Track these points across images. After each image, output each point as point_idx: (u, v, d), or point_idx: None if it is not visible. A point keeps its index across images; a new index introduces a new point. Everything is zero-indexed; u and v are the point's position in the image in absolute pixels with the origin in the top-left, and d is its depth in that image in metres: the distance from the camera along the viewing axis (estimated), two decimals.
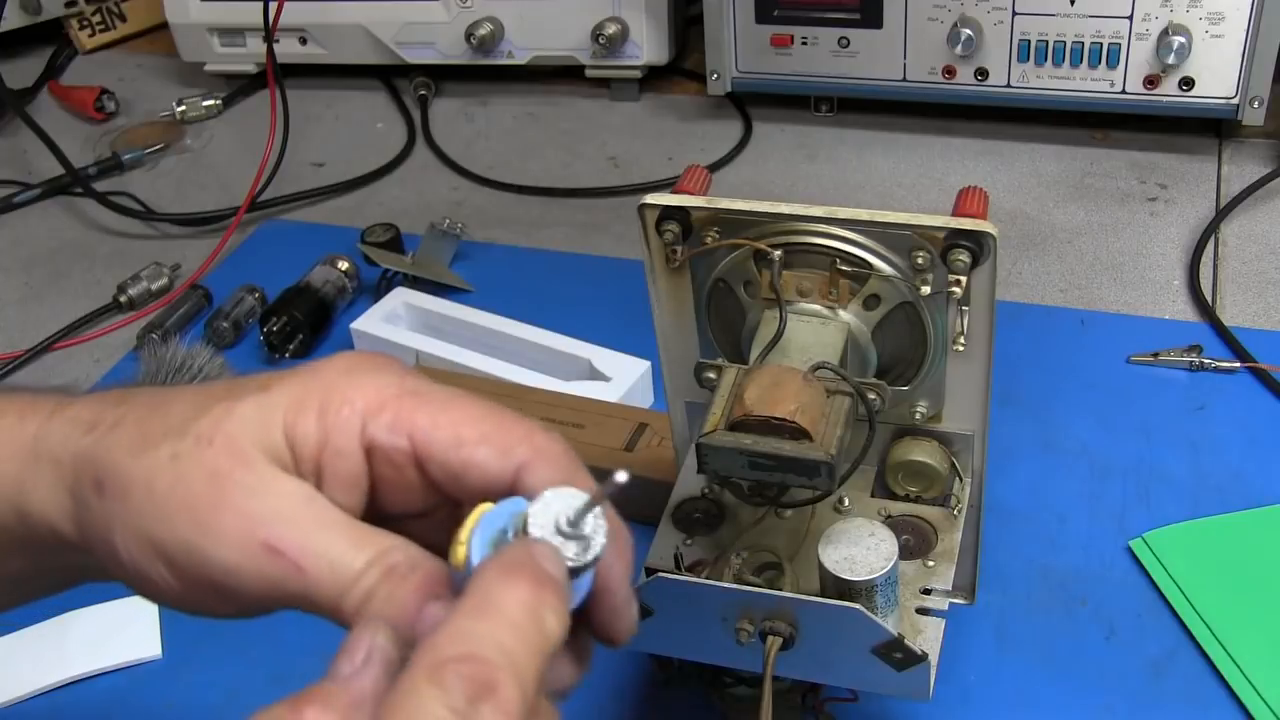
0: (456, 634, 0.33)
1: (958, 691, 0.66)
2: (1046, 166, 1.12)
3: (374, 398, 0.39)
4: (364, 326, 0.94)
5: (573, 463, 0.40)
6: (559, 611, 0.35)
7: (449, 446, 0.39)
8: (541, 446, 0.40)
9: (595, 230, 1.10)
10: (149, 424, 0.39)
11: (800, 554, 0.61)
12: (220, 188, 1.21)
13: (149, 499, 0.38)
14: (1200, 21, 1.02)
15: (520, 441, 0.39)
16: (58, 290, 1.08)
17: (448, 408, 0.40)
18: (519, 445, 0.39)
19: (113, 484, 0.39)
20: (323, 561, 0.37)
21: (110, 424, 0.40)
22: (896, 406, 0.61)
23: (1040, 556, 0.74)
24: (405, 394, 0.40)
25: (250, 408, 0.39)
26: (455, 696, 0.31)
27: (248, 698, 0.69)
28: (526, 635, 0.33)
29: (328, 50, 1.32)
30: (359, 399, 0.39)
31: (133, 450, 0.39)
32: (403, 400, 0.40)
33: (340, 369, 0.40)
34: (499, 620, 0.33)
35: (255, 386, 0.40)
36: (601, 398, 0.84)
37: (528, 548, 0.36)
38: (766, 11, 1.13)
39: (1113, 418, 0.83)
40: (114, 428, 0.40)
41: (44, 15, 1.44)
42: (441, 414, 0.39)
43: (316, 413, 0.39)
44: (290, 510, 0.38)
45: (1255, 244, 1.00)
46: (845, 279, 0.58)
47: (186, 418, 0.39)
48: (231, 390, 0.40)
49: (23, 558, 0.43)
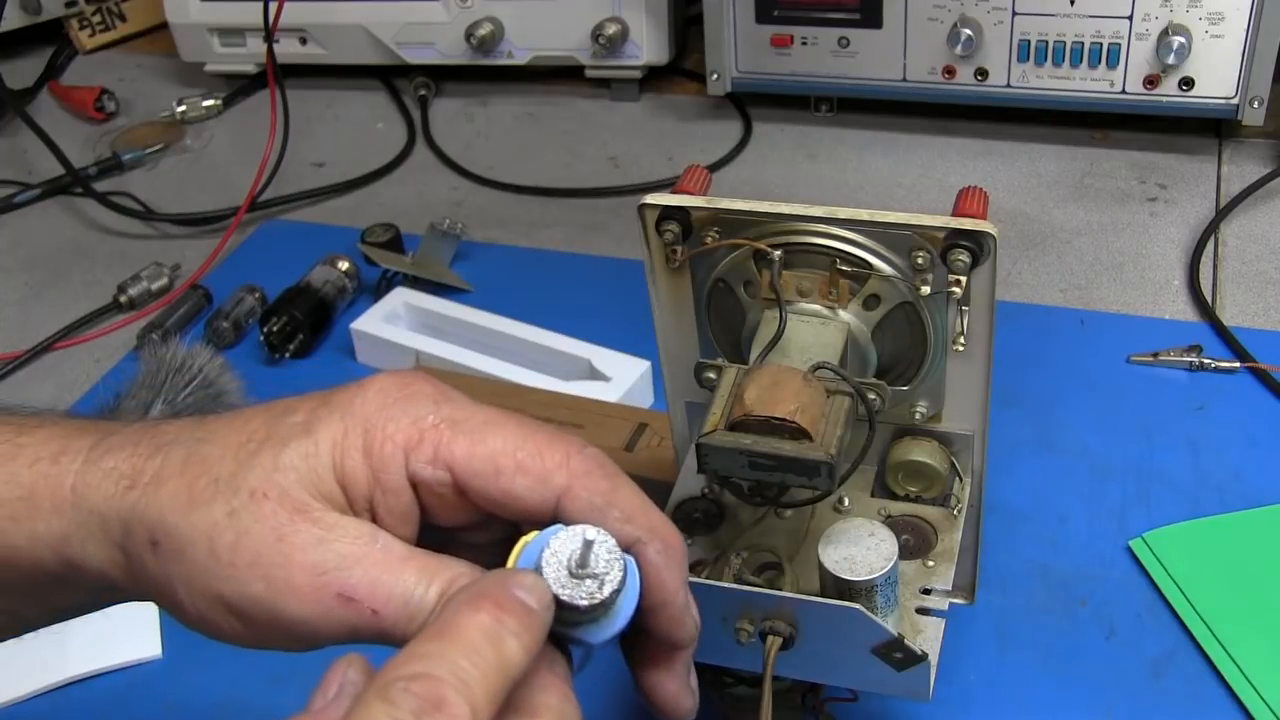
0: (412, 655, 0.34)
1: (958, 691, 0.66)
2: (1046, 166, 1.12)
3: (412, 431, 0.39)
4: (364, 326, 0.94)
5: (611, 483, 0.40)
6: (521, 637, 0.35)
7: (488, 477, 0.39)
8: (579, 470, 0.40)
9: (595, 230, 1.10)
10: (194, 478, 0.39)
11: (800, 554, 0.61)
12: (220, 188, 1.21)
13: (212, 558, 0.38)
14: (1200, 21, 1.02)
15: (558, 468, 0.39)
16: (58, 290, 1.08)
17: (485, 436, 0.39)
18: (557, 472, 0.39)
19: (169, 543, 0.38)
20: (395, 601, 0.37)
21: (151, 478, 0.39)
22: (896, 406, 0.61)
23: (1040, 556, 0.74)
24: (443, 423, 0.39)
25: (296, 456, 0.39)
26: (402, 711, 0.32)
27: (247, 698, 0.69)
28: (482, 657, 0.34)
29: (328, 50, 1.32)
30: (399, 433, 0.39)
31: (184, 508, 0.38)
32: (440, 431, 0.39)
33: (376, 402, 0.40)
34: (455, 642, 0.34)
35: (296, 429, 0.39)
36: (601, 398, 0.84)
37: (504, 577, 0.36)
38: (766, 11, 1.13)
39: (1113, 418, 0.83)
40: (158, 484, 0.39)
41: (44, 15, 1.44)
42: (479, 444, 0.39)
43: (362, 452, 0.39)
44: (357, 553, 0.38)
45: (1255, 244, 1.00)
46: (845, 279, 0.58)
47: (233, 471, 0.38)
48: (271, 432, 0.39)
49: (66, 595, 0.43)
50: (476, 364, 0.89)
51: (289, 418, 0.40)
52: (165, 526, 0.38)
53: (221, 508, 0.38)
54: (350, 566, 0.38)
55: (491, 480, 0.39)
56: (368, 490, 0.39)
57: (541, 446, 0.40)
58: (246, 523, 0.38)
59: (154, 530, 0.39)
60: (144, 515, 0.39)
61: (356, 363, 0.95)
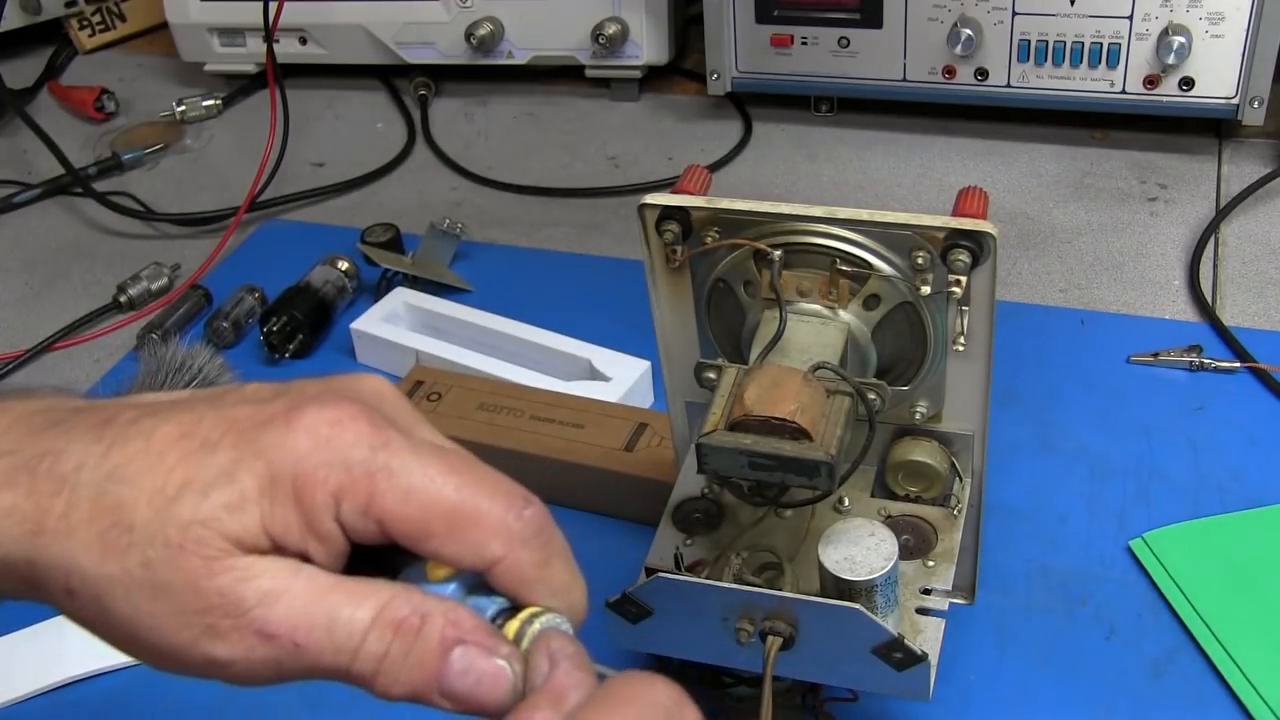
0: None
1: (958, 691, 0.66)
2: (1046, 166, 1.12)
3: (345, 478, 0.37)
4: (364, 326, 0.94)
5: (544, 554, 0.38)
6: None
7: (418, 539, 0.37)
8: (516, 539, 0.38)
9: (595, 230, 1.10)
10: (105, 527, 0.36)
11: (800, 554, 0.61)
12: (220, 188, 1.21)
13: (130, 607, 0.36)
14: (1200, 21, 1.02)
15: (493, 537, 0.37)
16: (58, 290, 1.08)
17: (415, 493, 0.37)
18: (491, 542, 0.37)
19: (85, 591, 0.37)
20: (318, 630, 0.36)
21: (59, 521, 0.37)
22: (896, 406, 0.61)
23: (1040, 556, 0.74)
24: (378, 472, 0.37)
25: (218, 506, 0.36)
26: None
27: (247, 698, 0.69)
28: None
29: (328, 50, 1.32)
30: (330, 479, 0.37)
31: (97, 560, 0.36)
32: (374, 481, 0.37)
33: (306, 444, 0.37)
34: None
35: (220, 476, 0.37)
36: (601, 398, 0.84)
37: None
38: (766, 11, 1.13)
39: (1113, 418, 0.83)
40: (67, 532, 0.37)
41: (44, 15, 1.44)
42: (410, 502, 0.37)
43: (293, 500, 0.37)
44: (278, 589, 0.36)
45: (1255, 244, 1.00)
46: (845, 279, 0.58)
47: (148, 519, 0.36)
48: (191, 475, 0.37)
49: None
50: (476, 364, 0.89)
51: (211, 459, 0.37)
52: (79, 575, 0.37)
53: (136, 559, 0.36)
54: (271, 604, 0.36)
55: (422, 541, 0.37)
56: (299, 537, 0.37)
57: (480, 508, 0.37)
58: (164, 575, 0.36)
59: (67, 579, 0.37)
60: (55, 562, 0.37)
61: (356, 363, 0.95)
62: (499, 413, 0.82)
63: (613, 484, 0.77)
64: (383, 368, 0.93)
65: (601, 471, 0.77)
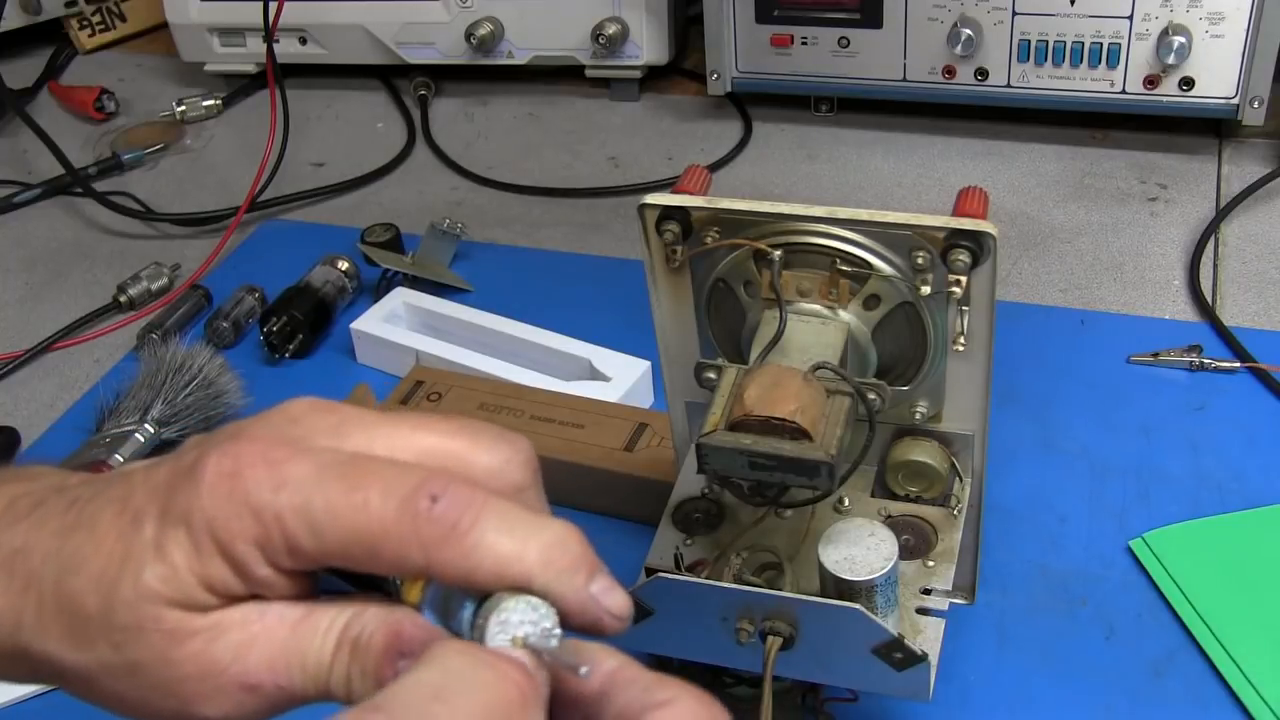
0: None
1: (958, 691, 0.66)
2: (1046, 166, 1.12)
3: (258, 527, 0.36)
4: (364, 326, 0.94)
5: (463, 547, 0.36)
6: None
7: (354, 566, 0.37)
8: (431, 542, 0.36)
9: (595, 230, 1.10)
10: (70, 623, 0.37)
11: (800, 554, 0.61)
12: (220, 188, 1.21)
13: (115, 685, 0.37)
14: (1200, 21, 1.02)
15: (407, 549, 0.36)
16: (58, 290, 1.08)
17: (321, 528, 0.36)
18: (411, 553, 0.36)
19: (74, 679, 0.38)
20: (295, 669, 0.37)
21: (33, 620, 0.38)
22: (896, 406, 0.61)
23: (1040, 556, 0.74)
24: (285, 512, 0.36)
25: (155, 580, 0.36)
26: None
27: None
28: None
29: (328, 50, 1.32)
30: (246, 531, 0.36)
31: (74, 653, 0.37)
32: (283, 524, 0.36)
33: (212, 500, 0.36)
34: None
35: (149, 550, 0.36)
36: (601, 398, 0.84)
37: None
38: (766, 11, 1.13)
39: (1113, 418, 0.83)
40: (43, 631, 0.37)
41: (44, 15, 1.44)
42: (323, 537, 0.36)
43: (221, 558, 0.36)
44: (247, 638, 0.37)
45: (1255, 244, 1.00)
46: (845, 279, 0.58)
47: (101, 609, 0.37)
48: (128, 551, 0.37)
49: None
50: (476, 364, 0.89)
51: (139, 533, 0.37)
52: (65, 667, 0.38)
53: (105, 645, 0.37)
54: (245, 655, 0.37)
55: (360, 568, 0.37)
56: (241, 586, 0.37)
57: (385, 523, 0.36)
58: (134, 655, 0.37)
59: (56, 670, 0.38)
60: (41, 657, 0.38)
61: (356, 363, 0.95)
62: (499, 413, 0.82)
63: (613, 484, 0.77)
64: (383, 368, 0.93)
65: (602, 471, 0.77)
